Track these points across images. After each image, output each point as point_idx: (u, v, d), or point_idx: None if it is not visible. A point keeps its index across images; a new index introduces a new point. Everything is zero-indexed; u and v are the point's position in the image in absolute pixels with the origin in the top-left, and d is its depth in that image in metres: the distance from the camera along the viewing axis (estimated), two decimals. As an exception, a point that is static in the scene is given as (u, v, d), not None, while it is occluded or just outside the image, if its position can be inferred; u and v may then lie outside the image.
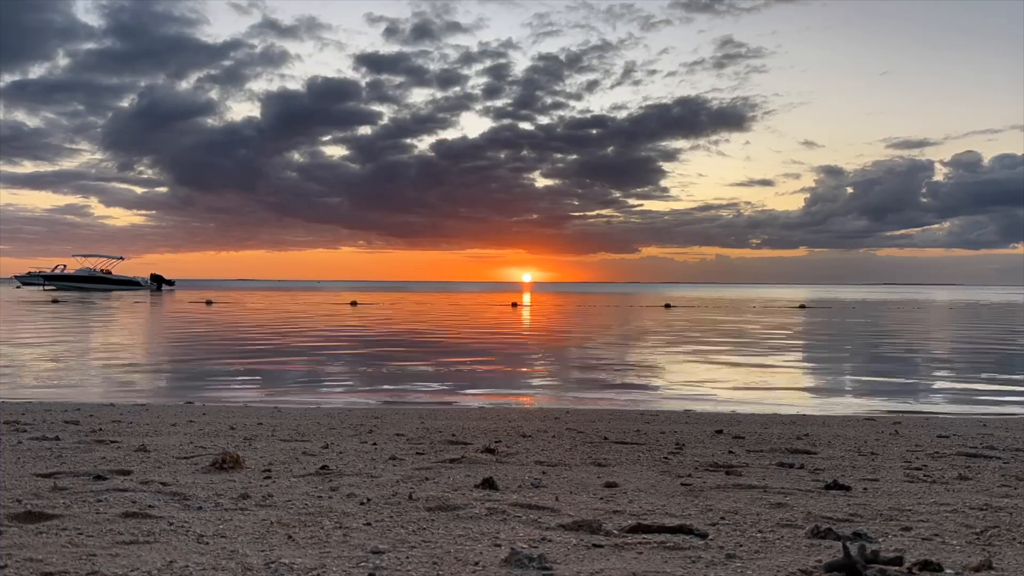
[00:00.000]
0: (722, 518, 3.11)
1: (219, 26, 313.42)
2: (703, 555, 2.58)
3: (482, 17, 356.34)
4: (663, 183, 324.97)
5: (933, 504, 3.39)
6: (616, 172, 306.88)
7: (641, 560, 2.52)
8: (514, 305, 47.10)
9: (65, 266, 75.86)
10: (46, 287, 72.64)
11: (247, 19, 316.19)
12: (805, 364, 14.57)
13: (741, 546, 2.70)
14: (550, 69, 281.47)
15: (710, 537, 2.80)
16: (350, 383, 11.24)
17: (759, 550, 2.65)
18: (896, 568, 2.36)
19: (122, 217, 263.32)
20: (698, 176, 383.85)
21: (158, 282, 76.98)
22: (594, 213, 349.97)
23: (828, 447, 5.32)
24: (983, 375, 12.74)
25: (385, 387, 10.75)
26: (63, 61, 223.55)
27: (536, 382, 11.75)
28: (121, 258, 77.12)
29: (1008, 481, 4.05)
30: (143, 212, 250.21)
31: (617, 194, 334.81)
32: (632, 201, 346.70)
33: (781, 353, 16.73)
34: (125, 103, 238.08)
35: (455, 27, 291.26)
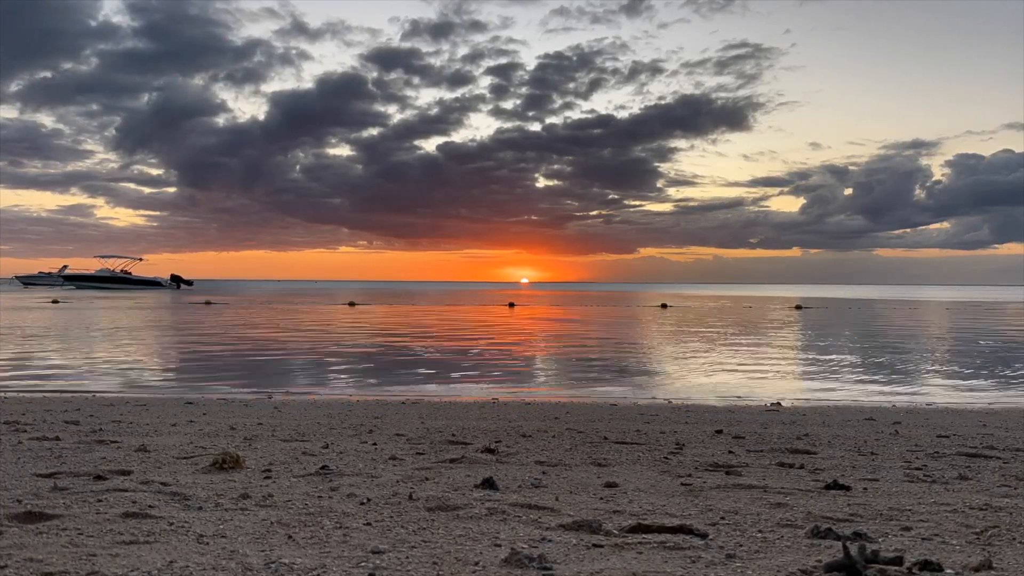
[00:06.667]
0: (722, 518, 3.11)
1: (250, 28, 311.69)
2: (703, 555, 2.58)
3: (506, 17, 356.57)
4: (663, 183, 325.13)
5: (933, 504, 3.40)
6: (617, 172, 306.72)
7: (641, 560, 2.52)
8: (511, 305, 47.10)
9: (67, 266, 76.45)
10: (64, 286, 73.16)
11: (277, 21, 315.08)
12: (804, 364, 14.58)
13: (741, 546, 2.70)
14: (560, 68, 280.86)
15: (710, 537, 2.80)
16: (351, 383, 11.24)
17: (759, 550, 2.66)
18: (896, 568, 2.36)
19: (124, 217, 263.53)
20: (698, 176, 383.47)
21: (177, 282, 78.41)
22: (594, 213, 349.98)
23: (828, 447, 5.32)
24: (981, 373, 12.76)
25: (387, 386, 10.75)
26: (86, 63, 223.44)
27: (536, 382, 11.76)
28: (140, 259, 78.03)
29: (1008, 481, 4.05)
30: (146, 212, 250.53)
31: (617, 194, 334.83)
32: (633, 201, 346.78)
33: (780, 353, 16.74)
34: (138, 104, 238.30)
35: (475, 27, 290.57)
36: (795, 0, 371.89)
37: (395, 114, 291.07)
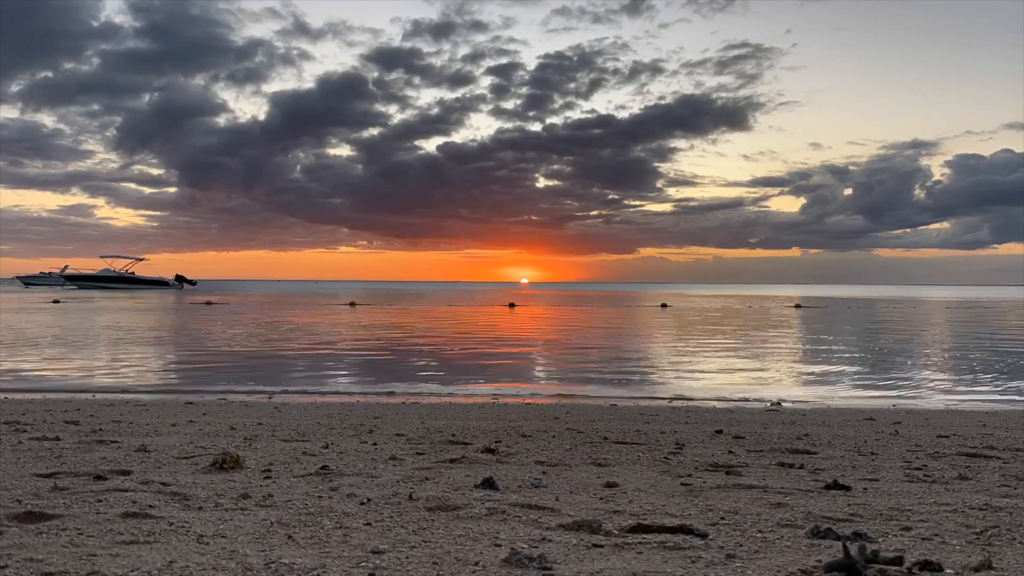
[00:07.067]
0: (722, 518, 3.10)
1: (252, 28, 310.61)
2: (703, 555, 2.58)
3: (507, 17, 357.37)
4: (663, 183, 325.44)
5: (933, 504, 3.39)
6: (617, 172, 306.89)
7: (641, 560, 2.52)
8: (511, 306, 47.08)
9: (68, 266, 76.72)
10: (67, 287, 73.23)
11: (279, 21, 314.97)
12: (804, 364, 14.58)
13: (741, 546, 2.70)
14: (561, 68, 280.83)
15: (710, 537, 2.80)
16: (351, 383, 11.24)
17: (759, 550, 2.65)
18: (896, 568, 2.36)
19: (124, 217, 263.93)
20: (698, 176, 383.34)
21: (181, 282, 79.01)
22: (594, 213, 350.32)
23: (828, 447, 5.32)
24: (981, 373, 12.76)
25: (387, 386, 10.74)
26: (87, 63, 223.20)
27: (536, 382, 11.76)
28: (143, 259, 78.20)
29: (1008, 481, 4.05)
30: (146, 212, 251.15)
31: (617, 194, 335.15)
32: (633, 201, 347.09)
33: (779, 353, 16.74)
34: (139, 104, 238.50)
35: (476, 27, 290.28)
36: (796, 0, 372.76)
37: (396, 114, 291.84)
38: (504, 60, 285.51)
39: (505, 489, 3.64)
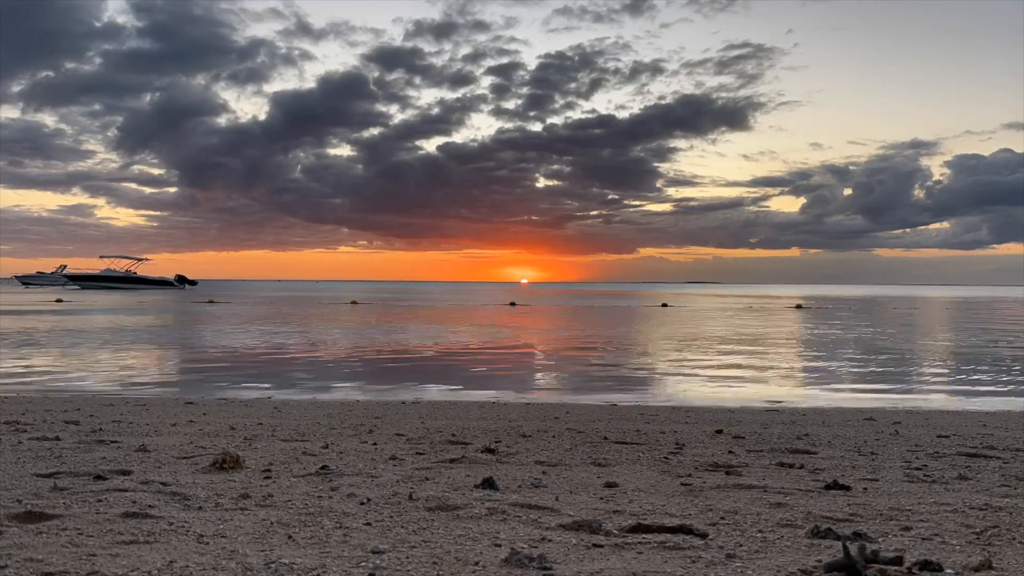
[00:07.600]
0: (722, 518, 3.11)
1: (255, 28, 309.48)
2: (703, 555, 2.58)
3: (509, 17, 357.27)
4: (662, 183, 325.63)
5: (933, 504, 3.39)
6: (617, 172, 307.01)
7: (641, 560, 2.52)
8: (512, 304, 47.14)
9: (65, 266, 76.80)
10: (68, 286, 73.17)
11: (282, 22, 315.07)
12: (804, 363, 14.58)
13: (741, 546, 2.70)
14: (562, 68, 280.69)
15: (710, 537, 2.80)
16: (351, 383, 11.24)
17: (759, 550, 2.65)
18: (896, 568, 2.36)
19: (125, 217, 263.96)
20: (698, 176, 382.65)
21: (182, 282, 79.41)
22: (594, 213, 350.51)
23: (828, 447, 5.32)
24: (982, 372, 12.76)
25: (387, 386, 10.74)
26: (89, 63, 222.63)
27: (536, 381, 11.76)
28: (146, 259, 78.25)
29: (1008, 481, 4.05)
30: (147, 212, 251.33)
31: (617, 194, 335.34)
32: (633, 201, 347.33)
33: (780, 353, 16.74)
34: (140, 104, 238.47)
35: (478, 27, 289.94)
36: (798, 0, 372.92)
37: (396, 114, 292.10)
38: (505, 60, 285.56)
39: (505, 489, 3.64)
